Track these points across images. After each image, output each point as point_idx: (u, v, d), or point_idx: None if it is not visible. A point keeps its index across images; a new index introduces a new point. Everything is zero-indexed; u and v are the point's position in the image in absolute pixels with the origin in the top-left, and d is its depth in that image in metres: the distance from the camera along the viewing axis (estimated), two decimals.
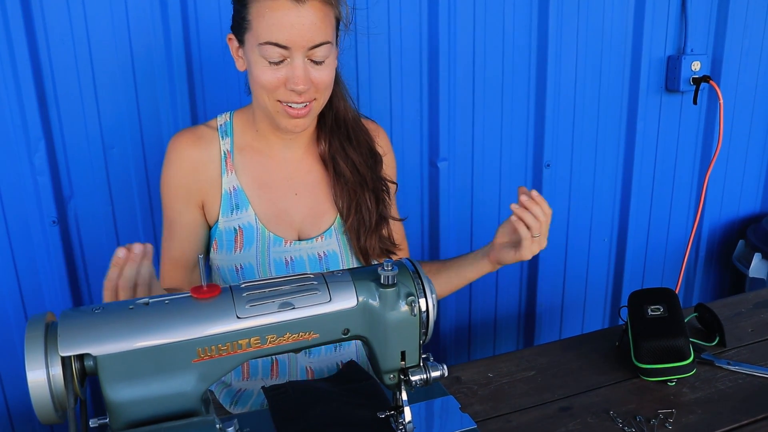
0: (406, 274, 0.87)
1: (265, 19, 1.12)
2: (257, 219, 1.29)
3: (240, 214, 1.29)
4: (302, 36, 1.12)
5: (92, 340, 0.73)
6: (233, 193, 1.29)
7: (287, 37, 1.12)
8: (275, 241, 1.29)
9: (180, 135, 1.30)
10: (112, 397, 0.75)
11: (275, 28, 1.12)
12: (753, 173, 2.61)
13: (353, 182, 1.31)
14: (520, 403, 1.15)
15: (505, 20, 2.01)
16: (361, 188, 1.32)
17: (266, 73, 1.16)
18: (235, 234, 1.29)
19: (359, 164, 1.32)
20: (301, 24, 1.12)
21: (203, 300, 0.79)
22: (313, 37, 1.13)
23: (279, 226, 1.31)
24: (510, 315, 2.35)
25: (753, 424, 1.08)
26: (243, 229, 1.29)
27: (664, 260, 2.57)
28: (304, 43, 1.13)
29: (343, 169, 1.31)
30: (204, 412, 0.79)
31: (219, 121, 1.33)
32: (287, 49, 1.13)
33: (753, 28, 2.38)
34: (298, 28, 1.12)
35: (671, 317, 1.23)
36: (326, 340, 0.84)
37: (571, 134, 2.22)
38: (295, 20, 1.11)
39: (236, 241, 1.29)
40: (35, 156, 1.63)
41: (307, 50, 1.14)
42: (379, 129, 1.44)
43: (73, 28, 1.60)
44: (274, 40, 1.12)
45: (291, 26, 1.11)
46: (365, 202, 1.31)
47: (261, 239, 1.29)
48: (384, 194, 1.36)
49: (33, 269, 1.71)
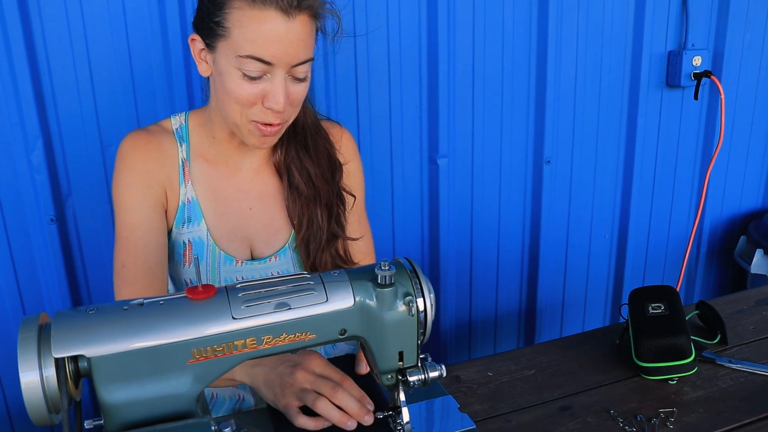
0: (403, 274, 0.86)
1: (248, 31, 1.01)
2: (209, 235, 1.21)
3: (191, 228, 1.21)
4: (288, 53, 1.04)
5: (86, 342, 0.72)
6: (188, 204, 1.21)
7: (273, 53, 1.03)
8: (226, 260, 1.22)
9: (136, 135, 1.20)
10: (106, 399, 0.74)
11: (260, 41, 1.02)
12: (755, 169, 2.60)
13: (306, 195, 1.23)
14: (519, 402, 1.14)
15: (505, 16, 2.00)
16: (314, 202, 1.23)
17: (242, 87, 1.06)
18: (184, 248, 1.21)
19: (314, 175, 1.24)
20: (289, 40, 1.03)
21: (198, 300, 0.78)
22: (299, 54, 1.05)
23: (231, 243, 1.23)
24: (510, 313, 2.34)
25: (755, 423, 1.08)
26: (193, 243, 1.21)
27: (665, 257, 2.56)
28: (290, 60, 1.05)
29: (298, 181, 1.23)
30: (199, 413, 0.78)
31: (174, 124, 1.23)
32: (270, 65, 1.04)
33: (754, 22, 2.36)
34: (286, 45, 1.03)
35: (672, 315, 1.23)
36: (323, 341, 0.84)
37: (571, 130, 2.21)
38: (283, 35, 1.02)
39: (185, 255, 1.22)
40: (33, 154, 1.62)
41: (290, 67, 1.06)
42: (343, 132, 1.34)
43: (71, 25, 1.59)
44: (257, 55, 1.02)
45: (278, 41, 1.02)
46: (316, 217, 1.23)
47: (211, 256, 1.21)
48: (339, 209, 1.27)
49: (31, 268, 1.71)
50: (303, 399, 0.99)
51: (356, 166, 1.35)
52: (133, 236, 1.15)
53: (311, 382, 1.00)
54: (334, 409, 0.97)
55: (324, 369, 1.02)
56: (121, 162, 1.17)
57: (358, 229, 1.36)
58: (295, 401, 0.99)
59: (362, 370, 1.17)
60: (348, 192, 1.30)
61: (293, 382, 1.00)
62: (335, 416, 0.97)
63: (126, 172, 1.17)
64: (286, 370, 1.02)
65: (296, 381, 1.00)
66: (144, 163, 1.17)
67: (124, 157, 1.18)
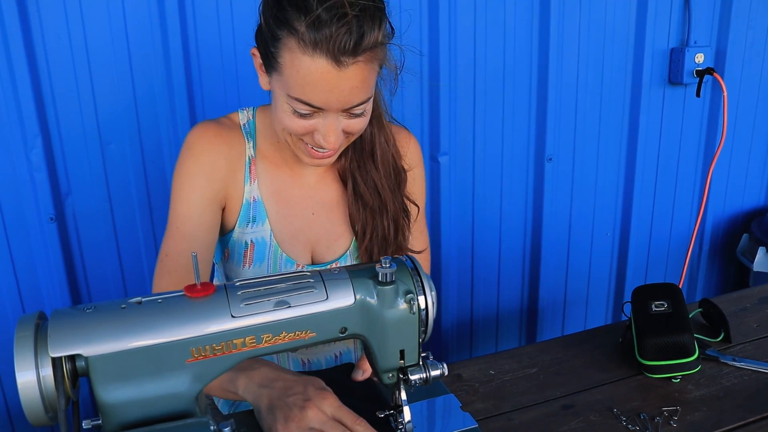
0: (404, 272, 0.85)
1: (300, 75, 0.96)
2: (272, 235, 1.19)
3: (255, 228, 1.18)
4: (339, 100, 0.99)
5: (83, 341, 0.71)
6: (253, 203, 1.18)
7: (323, 101, 0.98)
8: (287, 262, 1.20)
9: (207, 126, 1.16)
10: (104, 399, 0.73)
11: (309, 89, 0.97)
12: (757, 166, 2.59)
13: (372, 206, 1.19)
14: (522, 401, 1.13)
15: (506, 12, 1.99)
16: (380, 213, 1.20)
17: (294, 120, 1.02)
18: (245, 248, 1.19)
19: (380, 186, 1.19)
20: (341, 89, 0.97)
21: (197, 299, 0.77)
22: (352, 100, 1.00)
23: (293, 247, 1.21)
24: (512, 311, 2.34)
25: (759, 421, 1.07)
26: (255, 243, 1.19)
27: (668, 255, 2.55)
28: (341, 106, 1.00)
29: (363, 190, 1.19)
30: (199, 413, 0.78)
31: (242, 119, 1.20)
32: (321, 109, 1.00)
33: (757, 19, 2.35)
34: (337, 94, 0.98)
35: (675, 313, 1.22)
36: (323, 339, 0.83)
37: (573, 128, 2.20)
38: (333, 85, 0.96)
39: (245, 256, 1.19)
40: (32, 152, 1.62)
41: (343, 111, 1.02)
42: (410, 138, 1.29)
43: (70, 23, 1.58)
44: (306, 100, 0.98)
45: (329, 91, 0.97)
46: (383, 229, 1.20)
47: (273, 258, 1.19)
48: (404, 221, 1.23)
49: (31, 267, 1.70)
50: None
51: (420, 173, 1.32)
52: (183, 227, 1.12)
53: (322, 422, 0.93)
54: None
55: (337, 411, 0.95)
56: (187, 152, 1.14)
57: (420, 239, 1.32)
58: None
59: (357, 377, 1.14)
60: (412, 201, 1.26)
61: (302, 418, 0.93)
62: None
63: (190, 162, 1.13)
64: (298, 402, 0.95)
65: (305, 417, 0.93)
66: (209, 156, 1.14)
67: (190, 147, 1.14)
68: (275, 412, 0.95)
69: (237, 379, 1.01)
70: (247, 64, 1.75)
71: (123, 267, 1.79)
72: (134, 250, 1.79)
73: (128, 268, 1.79)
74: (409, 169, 1.26)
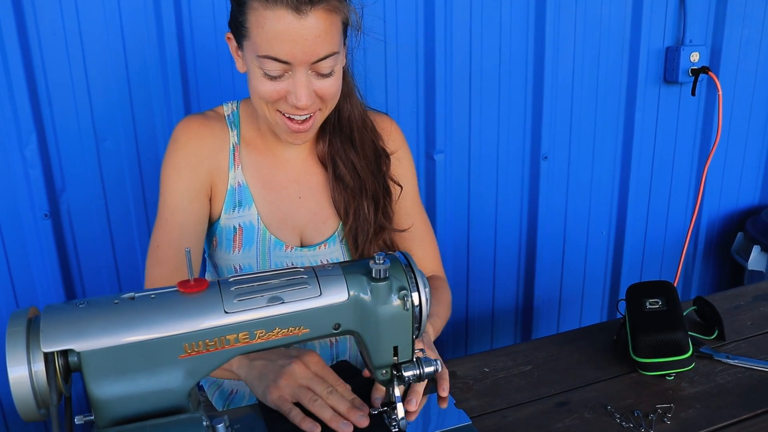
0: (398, 268, 0.85)
1: (264, 31, 1.02)
2: (259, 219, 1.23)
3: (242, 212, 1.22)
4: (305, 51, 1.03)
5: (76, 336, 0.71)
6: (238, 189, 1.22)
7: (288, 52, 1.03)
8: (276, 244, 1.23)
9: (191, 119, 1.22)
10: (97, 394, 0.73)
11: (275, 42, 1.02)
12: (752, 165, 2.60)
13: (352, 187, 1.24)
14: (516, 398, 1.13)
15: (502, 10, 1.99)
16: (360, 194, 1.24)
17: (265, 85, 1.07)
18: (234, 233, 1.23)
19: (360, 168, 1.24)
20: (304, 38, 1.02)
21: (190, 294, 0.77)
22: (317, 51, 1.04)
23: (281, 229, 1.24)
24: (507, 309, 2.34)
25: (753, 418, 1.07)
26: (243, 228, 1.22)
27: (663, 253, 2.56)
28: (307, 58, 1.04)
29: (343, 172, 1.24)
30: (192, 408, 0.77)
31: (226, 111, 1.25)
32: (289, 64, 1.04)
33: (752, 18, 2.36)
34: (301, 43, 1.02)
35: (670, 310, 1.22)
36: (317, 335, 0.83)
37: (568, 126, 2.20)
38: (296, 34, 1.01)
39: (234, 241, 1.23)
40: (26, 148, 1.61)
41: (311, 64, 1.06)
42: (392, 123, 1.34)
43: (64, 18, 1.58)
44: (273, 55, 1.03)
45: (292, 41, 1.02)
46: (363, 209, 1.24)
47: (261, 241, 1.23)
48: (386, 201, 1.27)
49: (25, 263, 1.70)
50: (298, 396, 0.97)
51: (405, 155, 1.35)
52: (172, 219, 1.17)
53: (308, 378, 0.98)
54: (329, 410, 0.96)
55: (321, 369, 1.01)
56: (174, 145, 1.19)
57: (406, 219, 1.35)
58: (289, 396, 0.98)
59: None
60: (395, 182, 1.30)
61: (290, 374, 0.98)
62: (328, 416, 0.95)
63: (176, 154, 1.19)
64: (285, 363, 1.00)
65: (293, 373, 0.98)
66: (193, 147, 1.19)
67: (176, 140, 1.19)
68: (267, 376, 1.00)
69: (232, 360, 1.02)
70: None
71: (118, 263, 1.78)
72: (129, 246, 1.78)
73: (123, 265, 1.79)
74: (392, 152, 1.30)
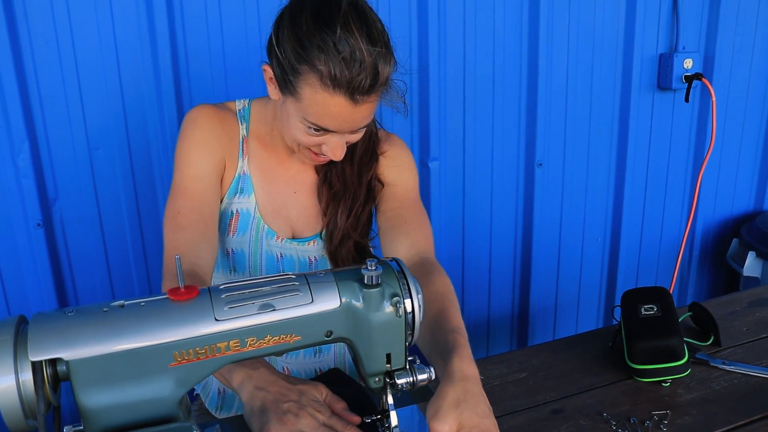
0: (390, 274, 0.84)
1: (318, 107, 1.07)
2: (257, 208, 1.27)
3: (242, 199, 1.26)
4: (352, 127, 1.11)
5: (64, 344, 0.70)
6: (242, 177, 1.26)
7: (337, 128, 1.10)
8: (268, 233, 1.27)
9: (206, 105, 1.25)
10: (85, 403, 0.72)
11: (327, 119, 1.08)
12: (746, 171, 2.60)
13: (336, 189, 1.29)
14: (511, 405, 1.13)
15: (496, 17, 2.00)
16: (341, 198, 1.28)
17: (304, 136, 1.13)
18: (231, 217, 1.27)
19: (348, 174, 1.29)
20: (354, 119, 1.09)
21: (180, 302, 0.76)
22: (361, 125, 1.12)
23: (275, 221, 1.28)
24: (503, 316, 2.33)
25: (749, 424, 1.06)
26: (240, 214, 1.26)
27: (658, 259, 2.56)
28: (352, 130, 1.12)
29: (332, 176, 1.29)
30: (182, 417, 0.76)
31: (237, 106, 1.29)
32: (333, 132, 1.11)
33: (745, 24, 2.37)
34: (350, 123, 1.10)
35: (665, 317, 1.21)
36: (308, 343, 0.82)
37: (563, 133, 2.20)
38: (349, 117, 1.08)
39: (230, 225, 1.27)
40: (19, 157, 1.61)
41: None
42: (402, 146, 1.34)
43: (57, 27, 1.57)
44: (322, 126, 1.09)
45: (343, 120, 1.08)
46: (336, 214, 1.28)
47: (255, 228, 1.27)
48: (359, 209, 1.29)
49: (18, 273, 1.69)
50: None
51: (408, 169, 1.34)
52: (192, 187, 1.18)
53: (314, 428, 0.95)
54: None
55: (329, 419, 0.98)
56: (191, 124, 1.21)
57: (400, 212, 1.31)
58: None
59: None
60: (379, 181, 1.31)
61: (295, 422, 0.94)
62: None
63: (197, 131, 1.21)
64: (292, 409, 0.96)
65: (299, 423, 0.94)
66: (214, 129, 1.22)
67: (193, 120, 1.22)
68: (268, 414, 0.95)
69: (234, 372, 1.00)
70: (235, 69, 1.74)
71: (111, 273, 1.78)
72: (122, 255, 1.77)
73: (116, 274, 1.78)
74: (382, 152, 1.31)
